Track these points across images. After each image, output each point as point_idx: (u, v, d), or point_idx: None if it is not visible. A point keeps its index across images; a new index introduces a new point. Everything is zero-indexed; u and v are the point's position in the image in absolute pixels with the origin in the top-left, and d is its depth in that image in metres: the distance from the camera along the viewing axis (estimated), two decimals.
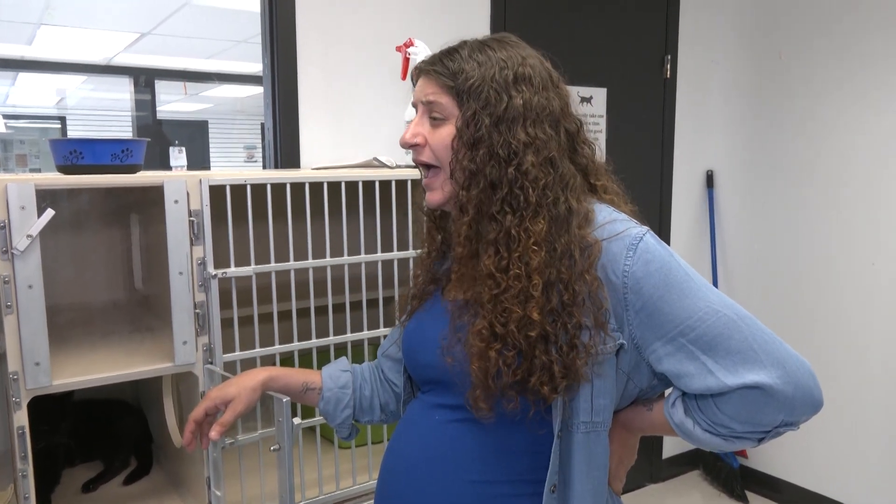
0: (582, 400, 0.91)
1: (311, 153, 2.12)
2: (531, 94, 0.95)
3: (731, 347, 0.87)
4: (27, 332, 1.17)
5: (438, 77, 0.97)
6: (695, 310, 0.88)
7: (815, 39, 2.76)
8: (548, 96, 0.96)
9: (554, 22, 2.65)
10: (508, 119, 0.93)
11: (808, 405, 0.87)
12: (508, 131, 0.93)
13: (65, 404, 1.52)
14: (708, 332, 0.87)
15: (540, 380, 0.88)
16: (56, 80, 5.63)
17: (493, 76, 0.94)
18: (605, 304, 0.90)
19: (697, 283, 0.90)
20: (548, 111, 0.95)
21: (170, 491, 1.57)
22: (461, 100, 0.95)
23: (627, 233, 0.92)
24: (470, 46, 0.98)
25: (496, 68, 0.95)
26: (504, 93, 0.94)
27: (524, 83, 0.95)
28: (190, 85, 6.10)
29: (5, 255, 1.15)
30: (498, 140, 0.93)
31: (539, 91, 0.96)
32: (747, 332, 0.87)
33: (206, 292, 1.35)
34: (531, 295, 0.89)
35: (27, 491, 1.21)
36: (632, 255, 0.90)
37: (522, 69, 0.96)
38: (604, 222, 0.94)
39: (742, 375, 0.85)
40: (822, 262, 2.80)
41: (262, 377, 1.13)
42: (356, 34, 2.15)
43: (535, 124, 0.94)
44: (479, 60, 0.95)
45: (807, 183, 2.83)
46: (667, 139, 3.05)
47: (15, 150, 5.59)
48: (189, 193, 1.31)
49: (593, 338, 0.89)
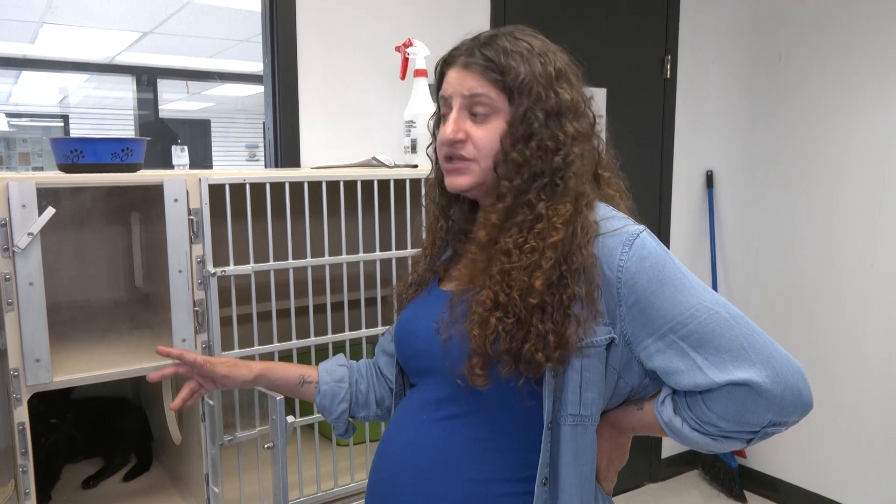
0: (570, 392, 0.92)
1: (311, 152, 2.13)
2: (571, 89, 0.99)
3: (721, 345, 0.87)
4: (28, 329, 1.19)
5: (485, 72, 0.97)
6: (687, 306, 0.89)
7: (814, 39, 2.76)
8: (580, 90, 1.01)
9: (554, 22, 2.66)
10: (558, 114, 0.97)
11: (797, 406, 0.88)
12: (557, 125, 0.96)
13: (66, 401, 1.53)
14: (699, 329, 0.88)
15: (534, 346, 0.90)
16: (59, 78, 5.64)
17: (539, 72, 0.97)
18: (596, 280, 0.92)
19: (691, 280, 0.91)
20: (585, 103, 1.00)
21: (169, 488, 1.58)
22: (511, 95, 0.96)
23: (624, 230, 0.93)
24: (504, 39, 0.99)
25: (539, 63, 0.97)
26: (550, 89, 0.97)
27: (564, 79, 0.99)
28: (192, 84, 6.12)
29: (6, 252, 1.16)
30: (548, 134, 0.96)
31: (574, 85, 1.00)
32: (738, 330, 0.88)
33: (206, 290, 1.36)
34: (540, 266, 0.92)
35: (27, 486, 1.22)
36: (627, 250, 0.91)
37: (559, 64, 0.99)
38: (603, 218, 0.96)
39: (731, 372, 0.86)
40: (821, 262, 2.80)
41: (259, 368, 1.15)
42: (356, 34, 2.16)
43: (577, 118, 0.98)
44: (524, 55, 0.97)
45: (806, 183, 2.84)
46: (666, 139, 3.05)
47: (18, 149, 5.61)
48: (189, 192, 1.32)
49: (584, 309, 0.91)
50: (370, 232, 1.61)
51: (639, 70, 2.94)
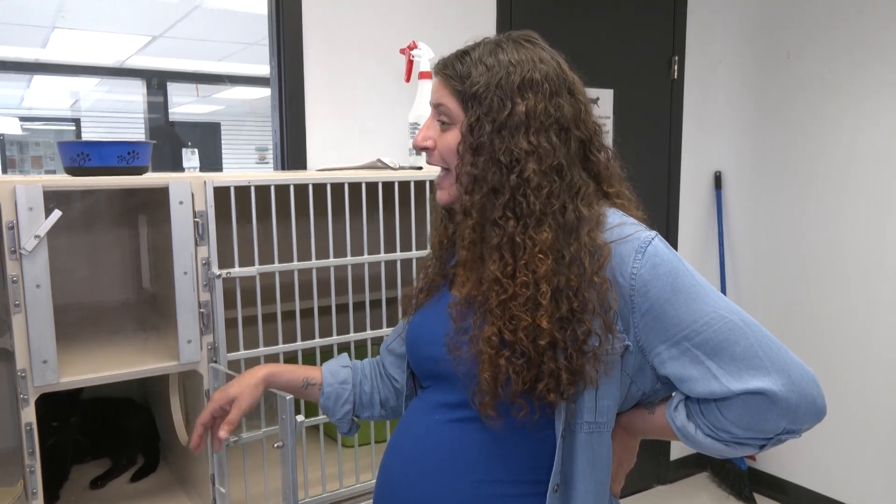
0: (586, 400, 0.92)
1: (316, 154, 2.14)
2: (537, 101, 0.93)
3: (735, 353, 0.87)
4: (35, 331, 1.20)
5: (448, 80, 0.97)
6: (701, 314, 0.88)
7: (822, 38, 2.75)
8: (557, 103, 0.94)
9: (560, 23, 2.66)
10: (511, 126, 0.92)
11: (811, 414, 0.88)
12: (511, 138, 0.92)
13: (73, 402, 1.55)
14: (713, 337, 0.88)
15: (547, 386, 0.88)
16: (70, 82, 5.69)
17: (498, 82, 0.93)
18: (613, 307, 0.90)
19: (705, 288, 0.90)
20: (554, 118, 0.93)
21: (175, 488, 1.59)
22: (466, 105, 0.95)
23: (637, 236, 0.92)
24: (483, 48, 0.97)
25: (503, 73, 0.93)
26: (508, 100, 0.93)
27: (531, 89, 0.93)
28: (202, 87, 6.14)
29: (14, 255, 1.17)
30: (500, 147, 0.92)
31: (547, 98, 0.94)
32: (753, 338, 0.88)
33: (211, 292, 1.37)
34: (540, 303, 0.89)
35: (35, 486, 1.23)
36: (640, 257, 0.90)
37: (532, 74, 0.94)
38: (613, 225, 0.94)
39: (746, 381, 0.86)
40: (830, 263, 2.79)
41: (263, 374, 1.15)
42: (361, 37, 2.17)
43: (538, 132, 0.93)
44: (489, 64, 0.94)
45: (815, 183, 2.82)
46: (674, 140, 3.04)
47: (30, 152, 5.66)
48: (194, 195, 1.33)
49: (602, 343, 0.89)
50: (375, 234, 1.61)
51: (646, 71, 2.93)
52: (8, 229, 1.16)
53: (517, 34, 1.00)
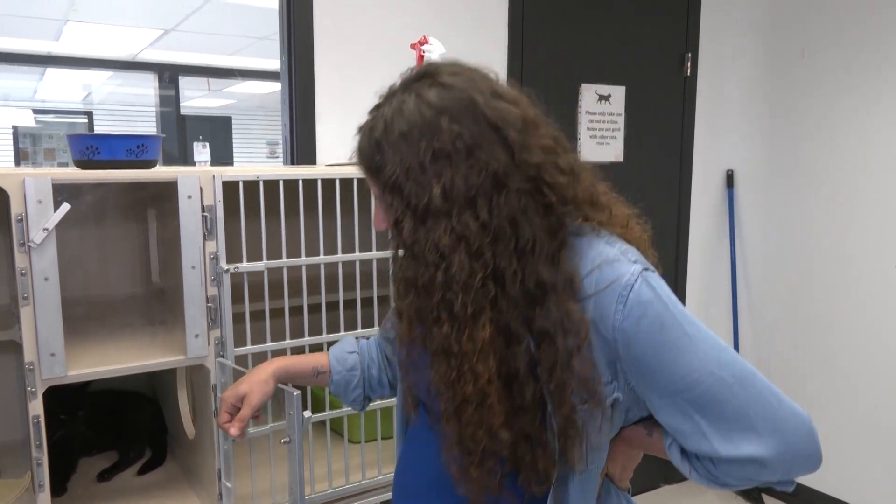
0: (576, 458, 0.87)
1: (327, 149, 2.13)
2: (454, 174, 0.80)
3: (726, 414, 0.81)
4: (43, 324, 1.20)
5: (367, 172, 0.88)
6: (690, 370, 0.81)
7: (838, 36, 2.72)
8: (479, 161, 0.80)
9: (573, 19, 2.64)
10: (432, 215, 0.81)
11: (807, 467, 0.84)
12: (434, 230, 0.81)
13: (81, 394, 1.55)
14: (703, 396, 0.82)
15: (527, 478, 0.85)
16: (83, 75, 5.72)
17: (409, 166, 0.81)
18: (598, 383, 0.83)
19: (693, 337, 0.82)
20: (477, 185, 0.80)
21: (182, 482, 1.59)
22: (390, 198, 0.85)
23: (618, 281, 0.83)
24: (389, 117, 0.84)
25: (413, 151, 0.81)
26: (424, 184, 0.81)
27: (443, 160, 0.80)
28: (213, 81, 6.17)
29: (22, 247, 1.17)
30: (424, 242, 0.82)
31: (465, 161, 0.80)
32: (744, 397, 0.81)
33: (219, 287, 1.37)
34: (490, 406, 0.82)
35: (42, 479, 1.23)
36: (622, 308, 0.82)
37: (441, 139, 0.80)
38: (594, 266, 0.84)
39: (737, 445, 0.81)
40: (843, 263, 2.76)
41: (273, 369, 1.15)
42: (371, 32, 2.16)
43: (462, 212, 0.80)
44: (396, 143, 0.83)
45: (828, 183, 2.79)
46: (686, 138, 3.02)
47: (43, 145, 5.70)
48: (203, 189, 1.33)
49: (587, 422, 0.83)
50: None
51: (658, 68, 2.91)
52: (17, 222, 1.16)
53: (421, 74, 0.87)
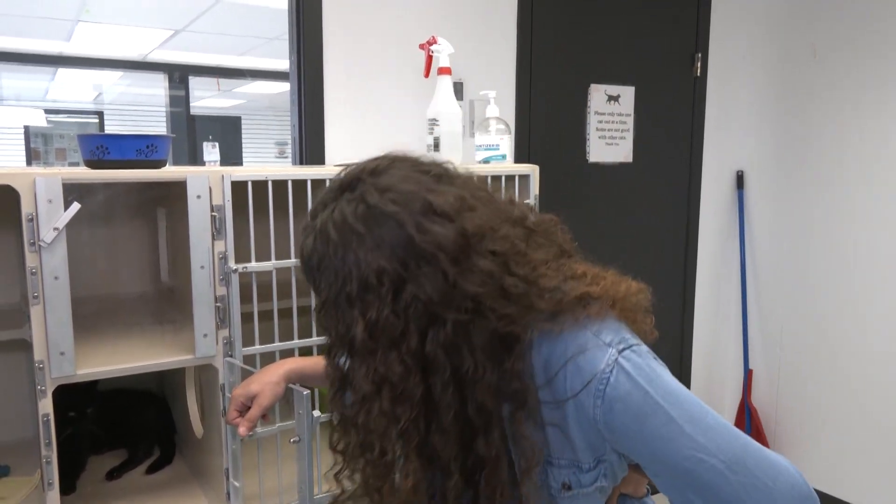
0: None
1: (335, 150, 2.13)
2: (380, 308, 0.74)
3: (722, 497, 0.78)
4: (53, 322, 1.20)
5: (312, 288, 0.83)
6: (679, 459, 0.78)
7: (850, 35, 2.70)
8: (405, 295, 0.74)
9: (582, 18, 2.63)
10: (356, 352, 0.77)
11: None
12: (358, 370, 0.77)
13: (89, 393, 1.56)
14: (696, 481, 0.78)
15: None
16: (94, 75, 5.75)
17: (337, 295, 0.77)
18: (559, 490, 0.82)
19: (680, 423, 0.78)
20: (402, 328, 0.75)
21: (190, 481, 1.59)
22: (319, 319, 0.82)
23: (595, 377, 0.78)
24: (330, 231, 0.78)
25: (342, 280, 0.76)
26: (348, 319, 0.77)
27: (369, 294, 0.75)
28: (223, 81, 6.19)
29: (33, 247, 1.18)
30: (353, 379, 0.78)
31: (390, 292, 0.74)
32: (737, 483, 0.77)
33: (227, 286, 1.37)
34: None
35: (51, 477, 1.24)
36: (600, 404, 0.79)
37: (368, 269, 0.75)
38: (565, 360, 0.80)
39: None
40: (853, 265, 2.74)
41: (285, 371, 1.15)
42: (381, 32, 2.16)
43: (386, 352, 0.75)
44: (326, 264, 0.78)
45: (839, 184, 2.77)
46: (696, 139, 3.01)
47: (55, 144, 5.74)
48: (212, 189, 1.33)
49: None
50: None
51: (668, 67, 2.90)
52: (27, 221, 1.17)
53: (353, 183, 0.82)
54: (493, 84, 2.38)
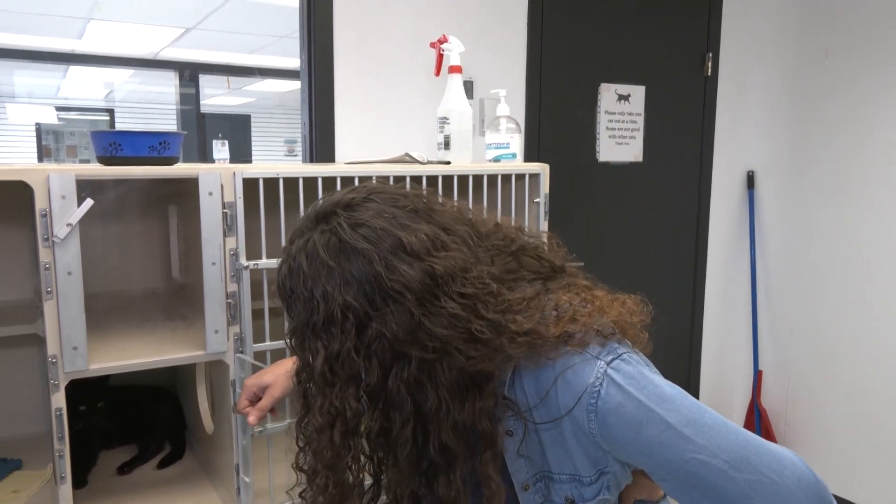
0: None
1: (345, 148, 2.14)
2: (342, 343, 0.75)
3: (729, 497, 0.77)
4: (66, 318, 1.21)
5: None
6: (681, 462, 0.77)
7: (862, 36, 2.68)
8: (369, 332, 0.75)
9: (592, 17, 2.63)
10: (315, 383, 0.77)
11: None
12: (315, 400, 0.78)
13: (100, 387, 1.57)
14: (701, 482, 0.77)
15: None
16: (105, 73, 5.79)
17: (304, 324, 0.78)
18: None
19: (678, 427, 0.77)
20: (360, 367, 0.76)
21: (201, 476, 1.60)
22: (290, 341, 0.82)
23: (585, 392, 0.78)
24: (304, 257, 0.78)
25: (310, 310, 0.77)
26: (310, 349, 0.77)
27: (332, 327, 0.75)
28: (233, 79, 6.21)
29: (46, 242, 1.19)
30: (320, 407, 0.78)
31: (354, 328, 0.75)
32: (743, 482, 0.76)
33: (238, 283, 1.38)
34: None
35: (63, 471, 1.25)
36: (594, 418, 0.79)
37: (334, 303, 0.75)
38: (554, 378, 0.80)
39: None
40: (864, 267, 2.72)
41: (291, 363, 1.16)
42: (391, 30, 2.17)
43: (344, 387, 0.75)
44: (297, 293, 0.79)
45: (850, 185, 2.76)
46: (706, 139, 3.00)
47: (66, 142, 5.78)
48: (223, 186, 1.34)
49: None
50: None
51: (678, 68, 2.89)
52: (41, 217, 1.18)
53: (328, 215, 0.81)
54: (504, 83, 2.38)
